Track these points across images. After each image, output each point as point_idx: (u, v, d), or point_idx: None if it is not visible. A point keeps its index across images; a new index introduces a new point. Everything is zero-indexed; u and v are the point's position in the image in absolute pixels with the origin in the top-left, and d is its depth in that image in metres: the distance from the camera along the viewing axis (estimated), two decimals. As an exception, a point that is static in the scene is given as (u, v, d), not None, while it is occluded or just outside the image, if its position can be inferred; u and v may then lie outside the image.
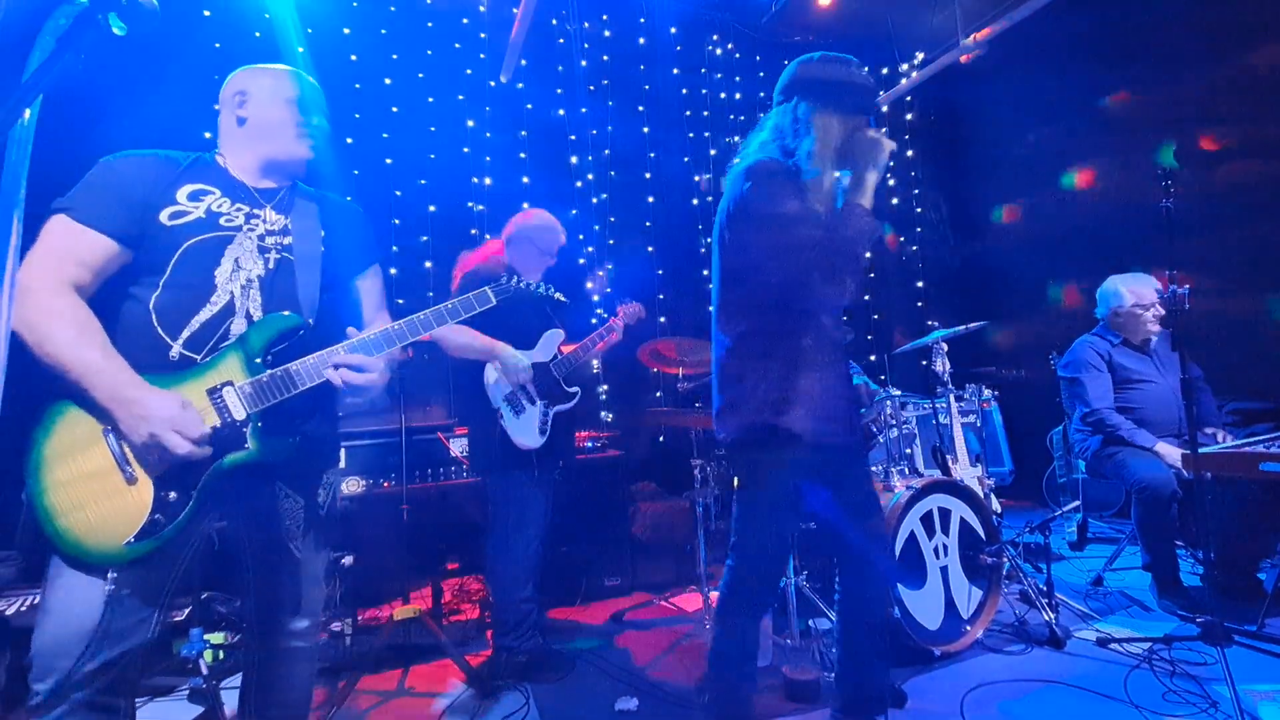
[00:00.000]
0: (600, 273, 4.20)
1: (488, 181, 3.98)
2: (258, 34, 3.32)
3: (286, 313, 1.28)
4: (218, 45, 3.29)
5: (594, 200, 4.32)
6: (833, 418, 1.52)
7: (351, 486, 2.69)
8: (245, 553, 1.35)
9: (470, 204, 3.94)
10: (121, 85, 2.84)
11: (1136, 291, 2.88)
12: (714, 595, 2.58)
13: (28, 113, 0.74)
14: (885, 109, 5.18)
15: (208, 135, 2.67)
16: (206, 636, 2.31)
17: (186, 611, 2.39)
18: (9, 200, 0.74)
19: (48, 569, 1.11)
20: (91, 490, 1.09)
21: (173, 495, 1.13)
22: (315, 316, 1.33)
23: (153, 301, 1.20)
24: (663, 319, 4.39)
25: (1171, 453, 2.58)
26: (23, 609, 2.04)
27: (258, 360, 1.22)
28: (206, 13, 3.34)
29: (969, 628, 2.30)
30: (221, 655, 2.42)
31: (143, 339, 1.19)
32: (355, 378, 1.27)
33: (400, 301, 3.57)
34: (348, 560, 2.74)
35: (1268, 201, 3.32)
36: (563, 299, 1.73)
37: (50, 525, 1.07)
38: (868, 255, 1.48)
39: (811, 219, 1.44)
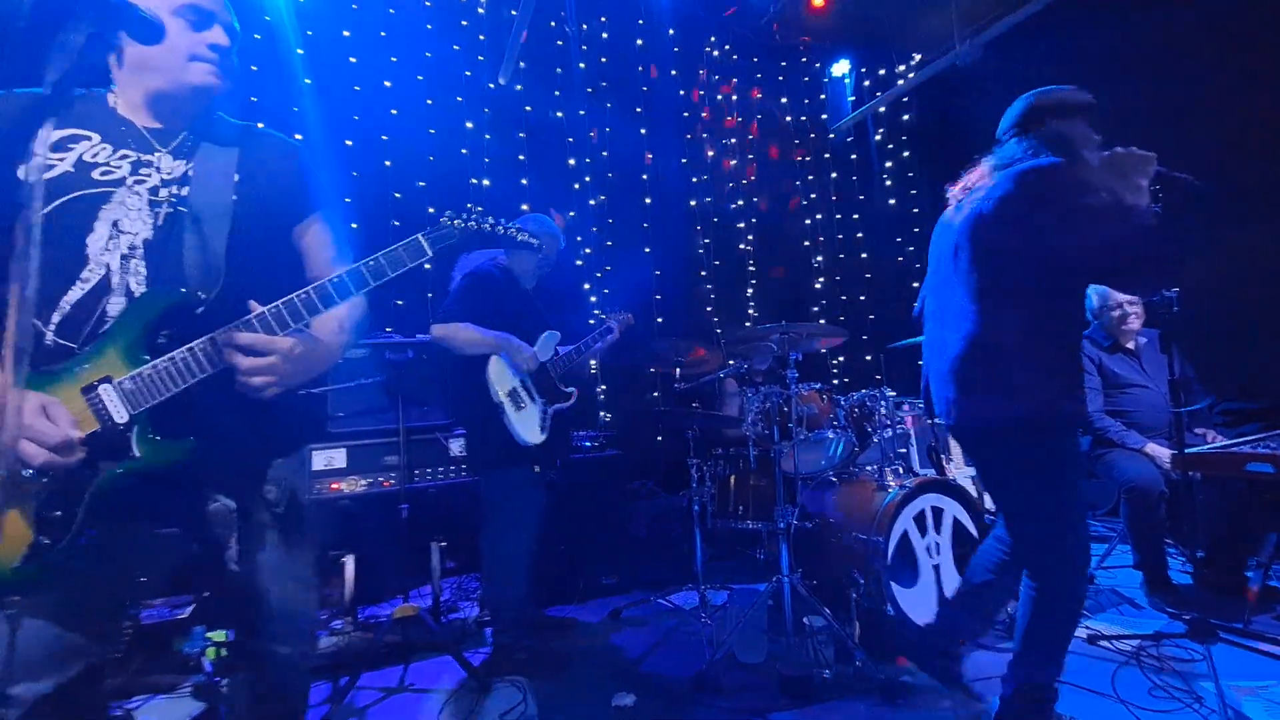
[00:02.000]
0: (599, 274, 4.23)
1: (486, 183, 4.01)
2: (257, 36, 3.34)
3: (183, 289, 1.05)
4: (218, 48, 3.31)
5: (592, 202, 4.35)
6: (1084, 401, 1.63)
7: (351, 485, 2.72)
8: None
9: (469, 206, 3.94)
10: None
11: (1102, 293, 2.94)
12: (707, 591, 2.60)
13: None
14: (883, 110, 5.21)
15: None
16: (208, 634, 2.34)
17: (189, 610, 2.42)
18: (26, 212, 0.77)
19: None
20: None
21: (57, 514, 0.96)
22: (220, 285, 1.08)
23: None
24: (660, 319, 4.42)
25: (1160, 453, 2.62)
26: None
27: (141, 348, 1.01)
28: (207, 15, 3.35)
29: (961, 625, 2.33)
30: (223, 652, 2.45)
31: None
32: (244, 362, 1.03)
33: (399, 303, 3.60)
34: (347, 560, 2.78)
35: (1260, 204, 3.36)
36: (530, 240, 1.42)
37: None
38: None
39: (1114, 212, 1.49)
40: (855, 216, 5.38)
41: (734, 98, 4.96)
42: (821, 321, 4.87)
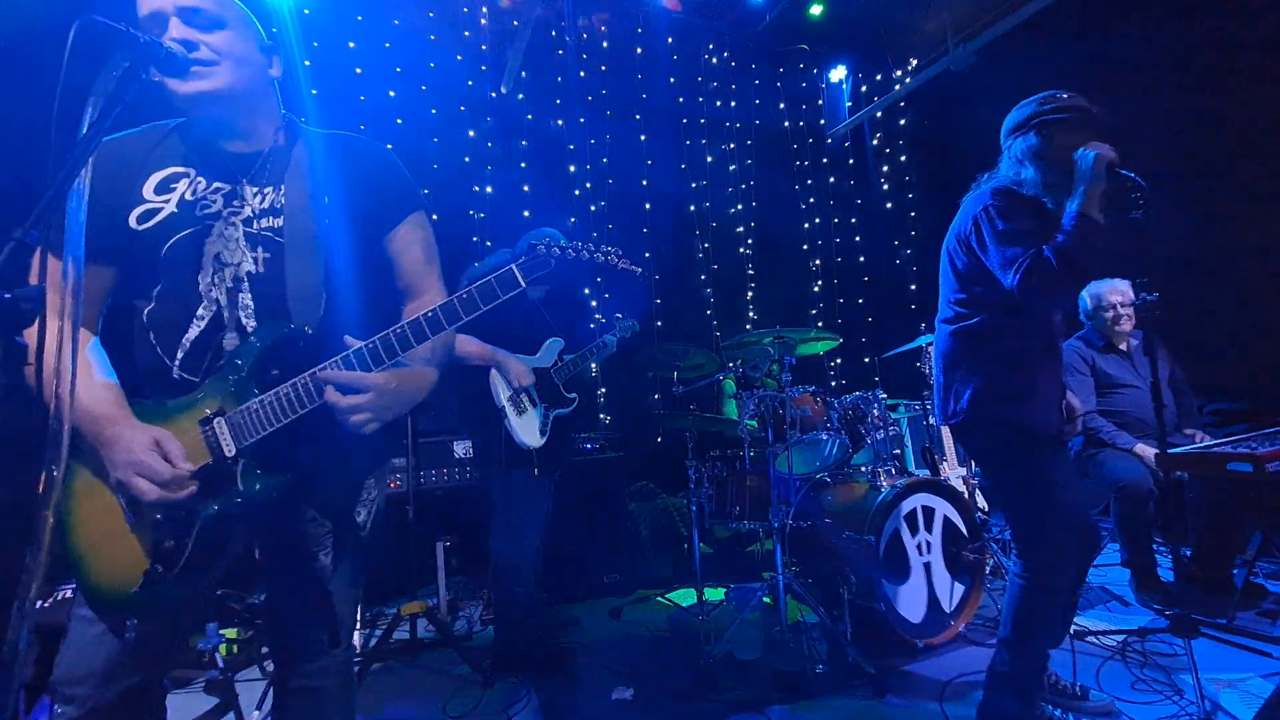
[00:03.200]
0: (599, 279, 4.30)
1: (489, 190, 4.09)
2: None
3: (290, 324, 1.06)
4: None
5: (592, 208, 4.43)
6: (1049, 408, 1.70)
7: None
8: (271, 578, 1.17)
9: (472, 212, 4.05)
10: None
11: (1095, 294, 3.00)
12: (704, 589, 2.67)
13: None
14: (880, 115, 5.27)
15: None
16: (222, 631, 2.42)
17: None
18: (74, 246, 0.83)
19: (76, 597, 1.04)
20: (102, 532, 0.99)
21: (170, 543, 0.99)
22: (321, 314, 1.09)
23: (146, 315, 1.05)
24: (659, 323, 4.49)
25: (1148, 453, 2.67)
26: (48, 605, 2.14)
27: (252, 383, 1.04)
28: (216, 29, 3.44)
29: (952, 622, 2.39)
30: (236, 649, 2.53)
31: (145, 359, 1.05)
32: (341, 400, 1.00)
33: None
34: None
35: (1250, 207, 3.41)
36: (632, 267, 1.29)
37: (74, 562, 1.00)
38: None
39: (1040, 233, 1.59)
40: (853, 220, 5.44)
41: (732, 104, 5.02)
42: (819, 325, 4.94)
